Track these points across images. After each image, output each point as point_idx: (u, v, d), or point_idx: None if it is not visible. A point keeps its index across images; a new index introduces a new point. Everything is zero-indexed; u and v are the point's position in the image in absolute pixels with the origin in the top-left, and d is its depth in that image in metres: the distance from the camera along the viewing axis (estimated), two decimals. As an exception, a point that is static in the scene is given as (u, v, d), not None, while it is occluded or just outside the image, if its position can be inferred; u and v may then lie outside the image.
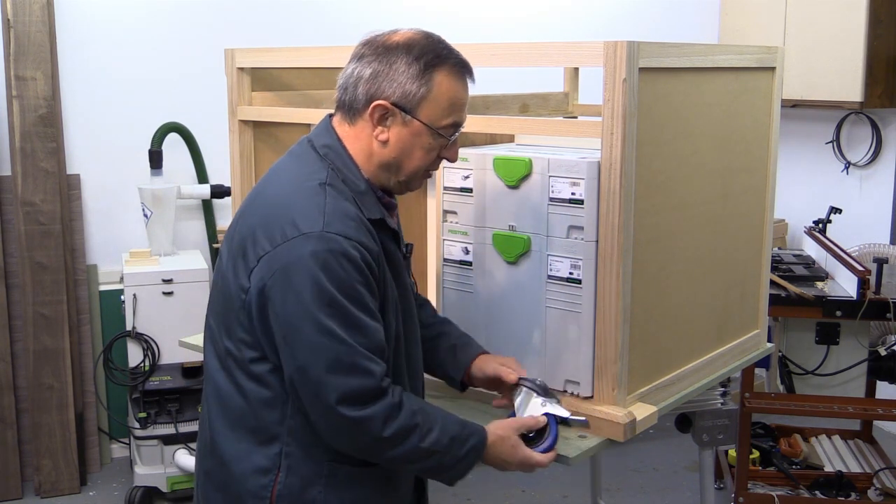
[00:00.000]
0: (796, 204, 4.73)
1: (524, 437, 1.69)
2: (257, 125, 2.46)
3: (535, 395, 1.75)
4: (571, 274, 1.85)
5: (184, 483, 3.63)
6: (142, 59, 4.06)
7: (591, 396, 1.86)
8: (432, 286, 2.17)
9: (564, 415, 1.73)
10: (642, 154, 1.78)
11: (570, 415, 1.73)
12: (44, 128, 3.77)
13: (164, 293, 3.73)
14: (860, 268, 3.21)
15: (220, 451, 1.64)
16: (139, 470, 3.65)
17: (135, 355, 3.71)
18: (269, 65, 2.42)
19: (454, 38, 1.67)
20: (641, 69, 1.73)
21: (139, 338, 3.70)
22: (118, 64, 4.03)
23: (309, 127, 1.78)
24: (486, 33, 4.52)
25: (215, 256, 4.09)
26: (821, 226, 3.96)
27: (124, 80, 4.04)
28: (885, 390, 3.82)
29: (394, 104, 1.57)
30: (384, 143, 1.60)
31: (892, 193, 4.44)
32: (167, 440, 3.61)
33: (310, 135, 1.69)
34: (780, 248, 4.10)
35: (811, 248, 3.84)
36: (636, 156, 1.76)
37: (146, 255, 3.87)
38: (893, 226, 4.42)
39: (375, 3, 4.39)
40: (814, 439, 3.96)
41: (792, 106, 4.43)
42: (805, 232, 3.97)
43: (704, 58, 1.98)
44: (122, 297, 3.74)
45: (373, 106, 1.58)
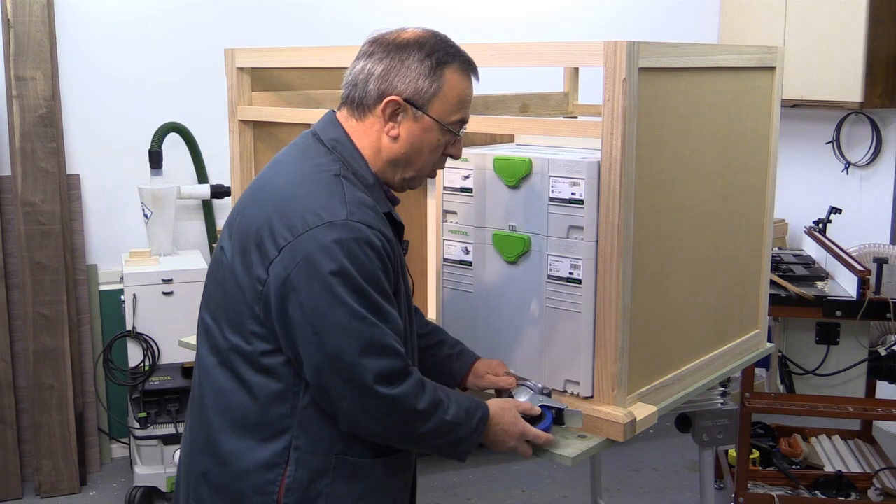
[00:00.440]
0: (796, 204, 4.74)
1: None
2: (257, 125, 2.46)
3: (532, 392, 1.82)
4: (571, 274, 1.85)
5: (184, 483, 3.62)
6: (142, 59, 4.06)
7: (591, 396, 1.86)
8: (432, 286, 2.17)
9: (560, 406, 1.79)
10: (642, 154, 1.78)
11: (565, 406, 1.79)
12: (44, 128, 3.77)
13: (164, 293, 3.73)
14: (860, 268, 3.21)
15: (219, 450, 1.62)
16: (139, 470, 3.65)
17: (135, 355, 3.72)
18: (269, 65, 2.42)
19: (454, 37, 1.67)
20: (641, 69, 1.73)
21: (139, 338, 3.70)
22: (118, 64, 4.03)
23: (309, 127, 1.77)
24: (486, 33, 4.52)
25: (215, 256, 4.08)
26: (821, 226, 3.96)
27: (124, 80, 4.04)
28: (885, 390, 3.82)
29: (406, 100, 1.60)
30: (395, 138, 1.62)
31: (892, 193, 4.44)
32: (167, 440, 3.61)
33: (314, 128, 1.69)
34: (780, 248, 4.09)
35: (811, 248, 3.84)
36: (636, 156, 1.76)
37: (146, 255, 3.87)
38: (893, 226, 4.42)
39: (375, 3, 4.39)
40: (814, 439, 3.96)
41: (792, 106, 4.44)
42: (805, 232, 3.97)
43: (704, 58, 1.98)
44: (122, 297, 3.74)
45: (385, 101, 1.60)
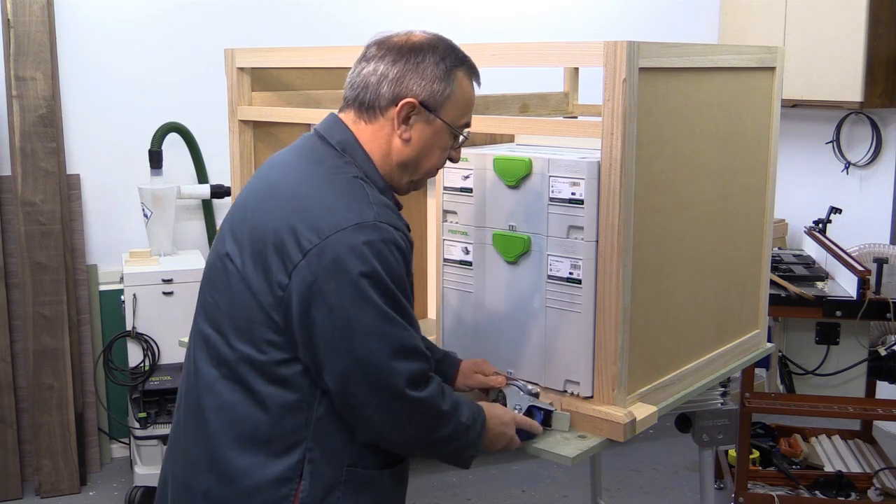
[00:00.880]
0: (796, 204, 4.73)
1: None
2: (257, 125, 2.46)
3: (521, 392, 1.85)
4: (571, 274, 1.85)
5: (184, 483, 3.62)
6: (142, 59, 4.06)
7: (591, 396, 1.86)
8: (432, 286, 2.17)
9: (549, 408, 1.83)
10: (642, 154, 1.78)
11: (554, 408, 1.83)
12: (44, 128, 3.77)
13: (164, 293, 3.73)
14: (860, 268, 3.21)
15: (224, 467, 1.56)
16: (139, 470, 3.65)
17: (135, 355, 3.71)
18: (269, 65, 2.42)
19: (454, 38, 1.67)
20: (641, 69, 1.73)
21: (139, 338, 3.70)
22: (118, 64, 4.03)
23: (309, 127, 1.77)
24: (486, 33, 4.52)
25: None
26: (821, 226, 3.96)
27: (124, 80, 4.04)
28: (885, 390, 3.82)
29: (421, 102, 1.59)
30: (407, 141, 1.61)
31: (892, 193, 4.44)
32: (167, 440, 3.60)
33: (318, 130, 1.66)
34: (780, 248, 4.09)
35: (811, 248, 3.84)
36: (636, 156, 1.76)
37: (146, 255, 3.87)
38: (893, 226, 4.42)
39: (375, 3, 4.39)
40: (814, 439, 3.96)
41: (792, 106, 4.43)
42: (805, 232, 3.97)
43: (704, 58, 1.98)
44: (122, 297, 3.74)
45: (401, 104, 1.58)
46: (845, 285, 3.33)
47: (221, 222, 1.76)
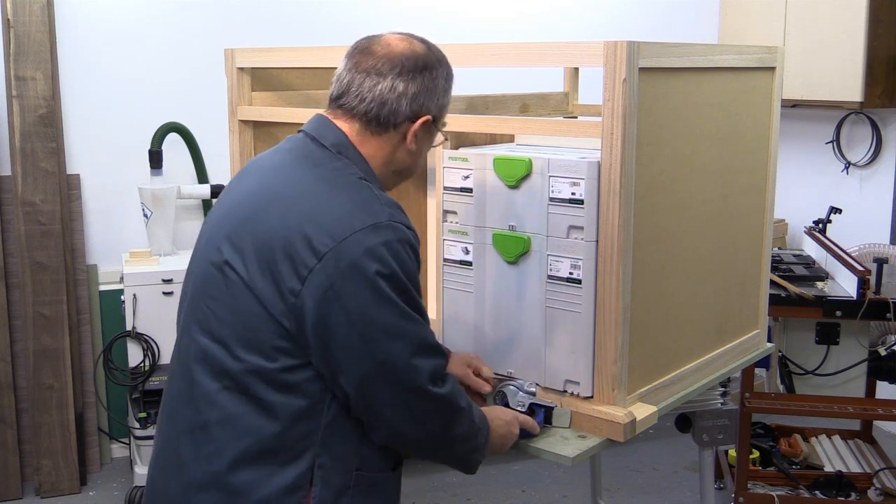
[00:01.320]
0: (796, 204, 4.73)
1: None
2: (257, 125, 2.46)
3: (519, 391, 1.86)
4: (571, 274, 1.85)
5: (184, 483, 3.62)
6: (142, 59, 4.06)
7: (591, 396, 1.86)
8: (432, 286, 2.17)
9: (550, 405, 1.83)
10: (642, 154, 1.78)
11: (554, 405, 1.83)
12: (44, 128, 3.77)
13: (164, 293, 3.73)
14: (860, 268, 3.21)
15: (230, 480, 1.52)
16: (139, 470, 3.65)
17: (135, 355, 3.72)
18: (269, 65, 2.42)
19: (454, 38, 1.69)
20: (641, 69, 1.73)
21: (139, 338, 3.70)
22: (118, 64, 4.03)
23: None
24: (486, 33, 4.52)
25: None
26: (821, 226, 3.96)
27: (124, 80, 4.04)
28: (885, 390, 3.82)
29: (433, 117, 1.64)
30: (411, 152, 1.65)
31: (892, 193, 4.44)
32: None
33: (308, 131, 1.63)
34: (780, 248, 4.09)
35: (811, 248, 3.84)
36: (636, 156, 1.76)
37: (146, 255, 3.87)
38: (893, 226, 4.42)
39: (375, 3, 4.39)
40: (814, 439, 3.96)
41: (792, 106, 4.43)
42: (805, 232, 3.97)
43: (704, 58, 1.98)
44: (122, 297, 3.74)
45: (420, 122, 1.61)
46: (845, 285, 3.33)
47: (202, 228, 1.70)
